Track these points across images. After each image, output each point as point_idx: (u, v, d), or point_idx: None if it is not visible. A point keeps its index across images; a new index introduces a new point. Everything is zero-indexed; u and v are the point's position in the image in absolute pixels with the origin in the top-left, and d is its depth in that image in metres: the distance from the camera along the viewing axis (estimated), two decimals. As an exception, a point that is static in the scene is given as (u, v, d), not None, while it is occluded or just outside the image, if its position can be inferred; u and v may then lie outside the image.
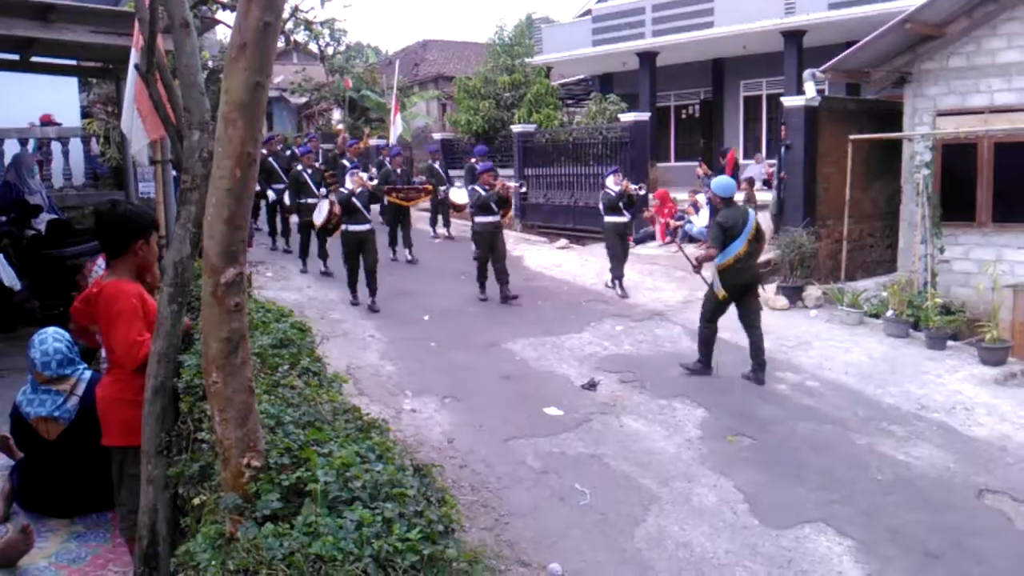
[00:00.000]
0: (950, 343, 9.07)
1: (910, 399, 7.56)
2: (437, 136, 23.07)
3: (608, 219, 11.82)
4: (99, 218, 3.75)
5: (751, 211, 8.22)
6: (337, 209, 10.87)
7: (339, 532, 1.93)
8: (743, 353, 8.99)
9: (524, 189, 11.80)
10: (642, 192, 12.31)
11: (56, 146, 12.11)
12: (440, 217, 16.55)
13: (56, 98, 12.91)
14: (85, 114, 15.16)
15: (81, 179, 12.45)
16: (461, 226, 16.87)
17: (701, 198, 14.47)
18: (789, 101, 13.18)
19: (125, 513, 3.69)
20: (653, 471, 6.05)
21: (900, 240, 12.37)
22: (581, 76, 25.73)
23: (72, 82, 13.85)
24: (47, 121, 13.04)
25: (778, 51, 17.95)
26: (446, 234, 16.47)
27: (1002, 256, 10.96)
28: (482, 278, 11.35)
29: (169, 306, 3.29)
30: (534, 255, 14.25)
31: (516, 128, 18.82)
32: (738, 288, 8.04)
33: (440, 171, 16.08)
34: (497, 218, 11.25)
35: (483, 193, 11.11)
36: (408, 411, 7.25)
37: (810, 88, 12.89)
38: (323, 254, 12.64)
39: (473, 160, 14.96)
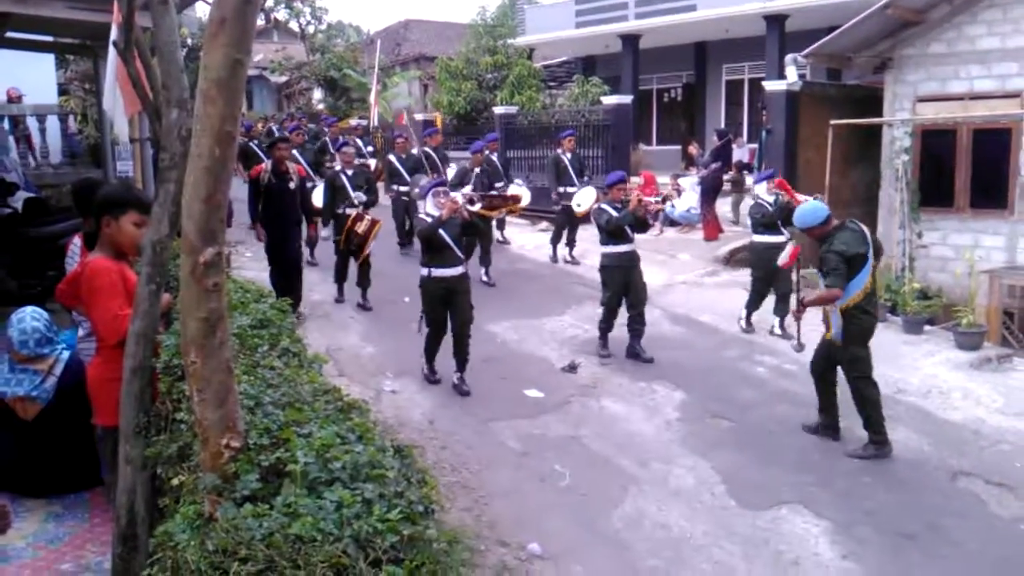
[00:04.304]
0: (927, 328, 9.15)
1: (887, 383, 7.60)
2: (420, 117, 22.97)
3: (759, 238, 8.90)
4: (72, 192, 3.76)
5: (864, 227, 6.16)
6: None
7: (319, 513, 1.93)
8: (721, 336, 9.05)
9: (672, 205, 9.04)
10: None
11: (32, 123, 11.95)
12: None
13: (32, 75, 12.71)
14: (62, 91, 14.98)
15: (58, 157, 12.30)
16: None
17: (684, 181, 14.50)
18: (771, 85, 13.24)
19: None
20: (632, 453, 6.09)
21: (879, 225, 12.44)
22: (564, 58, 25.65)
23: (49, 58, 13.65)
24: (12, 97, 12.78)
25: (760, 35, 17.96)
26: (500, 238, 13.66)
27: (979, 242, 11.08)
28: (607, 329, 8.26)
29: (147, 286, 3.27)
30: (516, 237, 14.21)
31: (498, 110, 18.79)
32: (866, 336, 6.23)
33: (497, 164, 12.46)
34: (633, 247, 8.12)
35: (614, 214, 7.91)
36: (388, 392, 7.25)
37: (792, 73, 12.95)
38: (362, 282, 9.68)
39: (560, 151, 12.13)
